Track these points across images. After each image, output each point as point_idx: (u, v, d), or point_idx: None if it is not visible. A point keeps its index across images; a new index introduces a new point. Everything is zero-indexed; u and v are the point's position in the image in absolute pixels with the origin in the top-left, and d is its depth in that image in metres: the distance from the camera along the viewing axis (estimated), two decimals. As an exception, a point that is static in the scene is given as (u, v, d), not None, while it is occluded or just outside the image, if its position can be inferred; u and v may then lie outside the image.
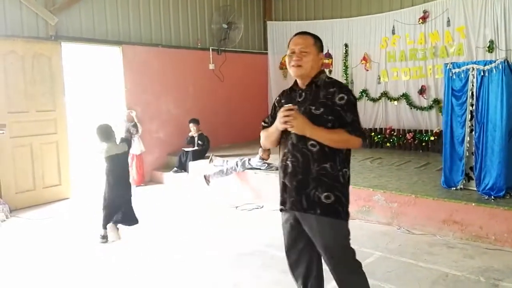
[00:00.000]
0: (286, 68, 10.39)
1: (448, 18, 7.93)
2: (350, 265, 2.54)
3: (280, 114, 2.42)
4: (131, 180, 7.63)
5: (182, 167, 7.90)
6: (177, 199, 6.92)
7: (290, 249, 2.70)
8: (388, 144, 8.61)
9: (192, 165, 7.66)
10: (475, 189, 4.97)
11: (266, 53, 10.71)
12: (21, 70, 6.46)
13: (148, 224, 5.55)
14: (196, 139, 8.06)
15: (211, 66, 9.35)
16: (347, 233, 2.54)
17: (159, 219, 5.85)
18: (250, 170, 6.77)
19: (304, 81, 2.56)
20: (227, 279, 3.90)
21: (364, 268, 2.61)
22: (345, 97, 2.43)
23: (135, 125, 7.73)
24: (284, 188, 2.55)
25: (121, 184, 5.07)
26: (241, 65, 10.01)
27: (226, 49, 9.58)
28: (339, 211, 2.46)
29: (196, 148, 7.97)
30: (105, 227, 4.99)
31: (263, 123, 2.78)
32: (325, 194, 2.43)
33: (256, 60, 10.49)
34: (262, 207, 6.21)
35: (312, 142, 2.41)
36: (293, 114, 2.36)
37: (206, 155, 7.94)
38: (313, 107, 2.44)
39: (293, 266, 2.72)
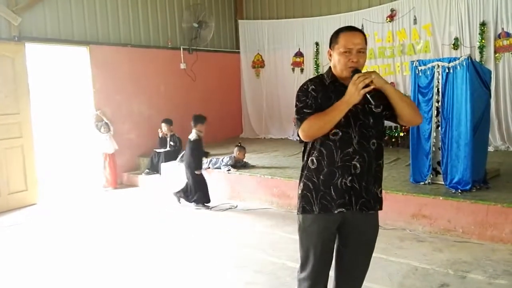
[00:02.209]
0: (258, 67, 10.51)
1: (415, 16, 8.09)
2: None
3: (355, 81, 2.19)
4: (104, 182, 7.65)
5: (154, 168, 7.80)
6: (149, 201, 6.82)
7: (328, 254, 2.49)
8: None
9: (164, 166, 7.58)
10: (443, 183, 5.06)
11: (238, 52, 10.70)
12: (-17, 72, 6.26)
13: (120, 228, 5.47)
14: (168, 140, 7.97)
15: (183, 66, 9.27)
16: None
17: (131, 222, 5.76)
18: (220, 169, 6.75)
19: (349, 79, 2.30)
20: (199, 281, 3.87)
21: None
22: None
23: (106, 124, 7.62)
24: (345, 189, 2.33)
25: None
26: (213, 64, 9.96)
27: (197, 48, 9.53)
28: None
29: (168, 149, 7.88)
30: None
31: (304, 111, 2.33)
32: (380, 189, 2.45)
33: (228, 59, 10.47)
34: (236, 206, 6.19)
35: (373, 140, 2.35)
36: (366, 74, 2.20)
37: (180, 155, 7.87)
38: (372, 106, 2.32)
39: (323, 271, 2.51)
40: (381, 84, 2.24)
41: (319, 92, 2.35)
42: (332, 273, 2.57)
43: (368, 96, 2.21)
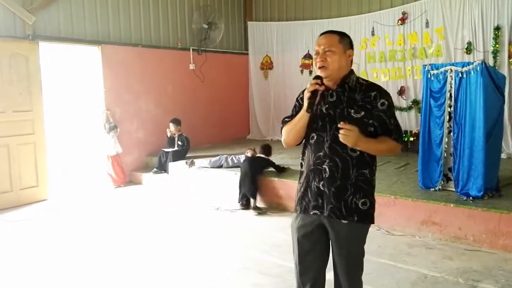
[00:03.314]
0: (267, 68, 10.50)
1: (427, 19, 8.03)
2: (361, 272, 2.56)
3: (308, 87, 2.32)
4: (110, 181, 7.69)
5: (162, 167, 7.81)
6: (156, 200, 6.84)
7: (304, 254, 2.53)
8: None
9: (172, 166, 7.59)
10: (454, 190, 5.01)
11: (247, 54, 10.70)
12: (-3, 70, 6.32)
13: (125, 227, 5.49)
14: (176, 139, 7.99)
15: (192, 66, 9.29)
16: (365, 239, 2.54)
17: (136, 221, 5.77)
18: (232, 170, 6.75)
19: (334, 82, 2.39)
20: (204, 282, 3.87)
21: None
22: (386, 102, 2.34)
23: (112, 126, 7.65)
24: (317, 192, 2.40)
25: None
26: (221, 65, 9.97)
27: (206, 49, 9.53)
28: (372, 216, 2.45)
29: (176, 148, 7.89)
30: None
31: (285, 119, 2.56)
32: (363, 200, 2.38)
33: (236, 61, 10.47)
34: (244, 208, 6.17)
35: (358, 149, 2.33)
36: (349, 127, 2.24)
37: (187, 155, 7.88)
38: (352, 110, 2.31)
39: (303, 272, 2.57)
40: (353, 145, 2.28)
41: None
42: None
43: (322, 109, 2.37)
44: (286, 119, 2.54)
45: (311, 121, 2.39)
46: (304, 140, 2.50)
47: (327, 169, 2.35)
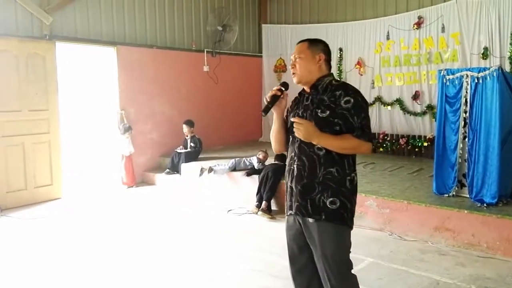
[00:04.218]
0: (280, 71, 10.51)
1: (443, 24, 7.95)
2: (346, 277, 2.43)
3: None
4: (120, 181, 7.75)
5: (175, 168, 7.86)
6: (168, 201, 6.88)
7: (294, 256, 2.57)
8: (381, 149, 8.62)
9: (184, 167, 7.63)
10: (468, 196, 4.96)
11: (261, 56, 10.71)
12: (15, 69, 6.41)
13: (136, 226, 5.53)
14: (188, 141, 8.03)
15: (206, 68, 9.33)
16: (349, 243, 2.45)
17: (148, 221, 5.81)
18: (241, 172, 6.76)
19: (308, 86, 2.54)
20: (215, 282, 3.88)
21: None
22: (352, 100, 2.37)
23: (126, 126, 7.71)
24: (290, 192, 2.49)
25: None
26: (235, 67, 10.00)
27: (220, 51, 9.57)
28: (344, 217, 2.38)
29: (188, 150, 7.93)
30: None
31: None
32: (331, 199, 2.36)
33: (250, 63, 10.49)
34: (257, 212, 6.17)
35: (319, 145, 2.37)
36: (299, 120, 2.36)
37: (199, 157, 7.92)
38: (319, 110, 2.39)
39: (295, 275, 2.60)
40: (306, 138, 2.36)
41: (293, 104, 2.63)
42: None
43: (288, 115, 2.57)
44: None
45: (291, 125, 2.47)
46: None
47: (295, 169, 2.45)
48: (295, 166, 2.45)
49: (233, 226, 5.57)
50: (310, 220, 2.39)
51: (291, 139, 2.54)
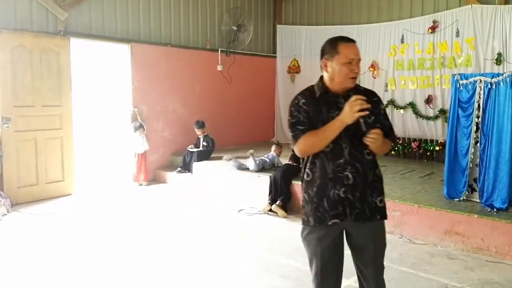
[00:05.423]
0: (294, 72, 10.51)
1: (457, 29, 7.92)
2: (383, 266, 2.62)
3: (352, 102, 2.25)
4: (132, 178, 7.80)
5: (186, 167, 7.89)
6: (179, 199, 6.91)
7: (325, 265, 2.49)
8: (393, 152, 8.57)
9: (196, 166, 7.66)
10: (478, 201, 4.94)
11: (275, 57, 10.73)
12: (29, 64, 6.47)
13: (145, 224, 5.58)
14: (201, 140, 8.07)
15: (219, 68, 9.37)
16: None
17: (158, 219, 5.85)
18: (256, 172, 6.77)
19: (343, 89, 2.41)
20: (223, 281, 3.90)
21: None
22: (383, 106, 2.55)
23: (140, 124, 7.77)
24: (338, 200, 2.38)
25: None
26: (249, 67, 10.03)
27: (235, 51, 9.61)
28: (386, 212, 2.54)
29: (201, 149, 7.97)
30: None
31: (298, 127, 2.42)
32: (379, 198, 2.47)
33: (264, 63, 10.52)
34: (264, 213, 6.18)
35: (367, 150, 2.38)
36: (377, 131, 2.29)
37: (211, 156, 7.95)
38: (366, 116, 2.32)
39: (324, 283, 2.54)
40: (380, 152, 2.41)
41: (310, 105, 2.42)
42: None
43: (361, 120, 2.27)
44: (299, 127, 2.41)
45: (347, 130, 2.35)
46: None
47: (350, 176, 2.37)
48: (348, 173, 2.37)
49: (243, 226, 5.58)
50: (370, 223, 2.44)
51: (330, 145, 2.37)
